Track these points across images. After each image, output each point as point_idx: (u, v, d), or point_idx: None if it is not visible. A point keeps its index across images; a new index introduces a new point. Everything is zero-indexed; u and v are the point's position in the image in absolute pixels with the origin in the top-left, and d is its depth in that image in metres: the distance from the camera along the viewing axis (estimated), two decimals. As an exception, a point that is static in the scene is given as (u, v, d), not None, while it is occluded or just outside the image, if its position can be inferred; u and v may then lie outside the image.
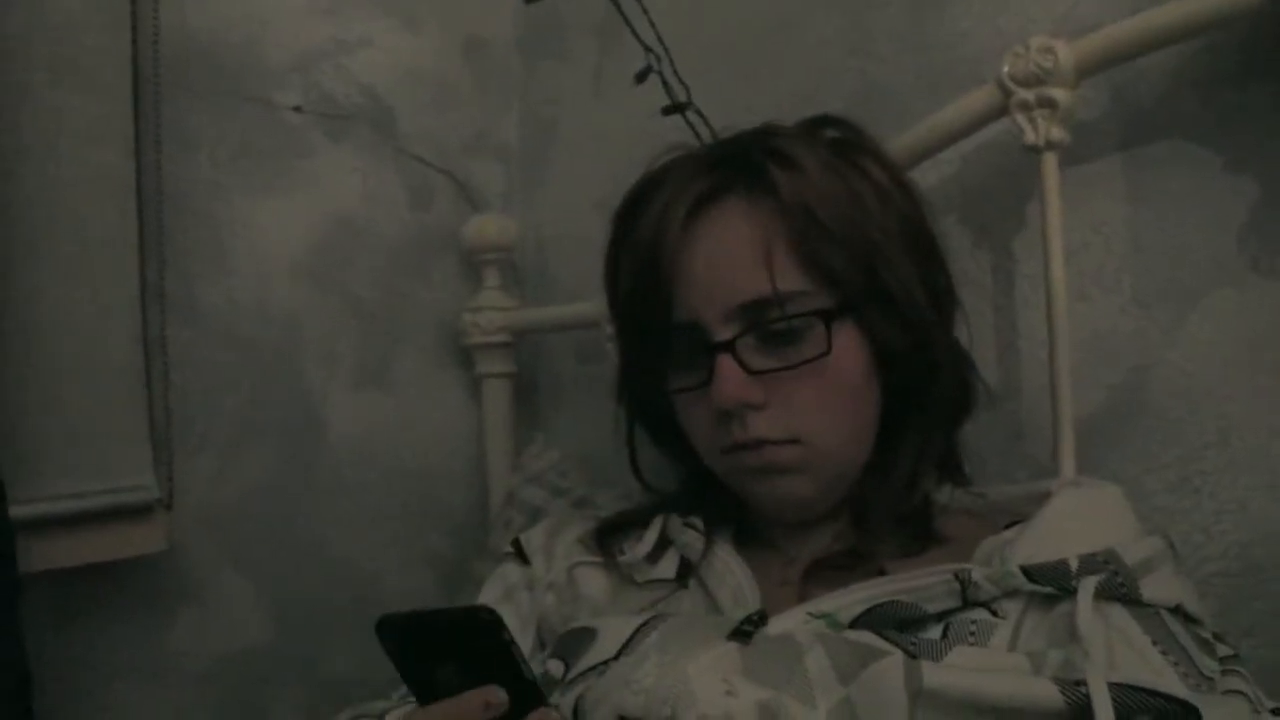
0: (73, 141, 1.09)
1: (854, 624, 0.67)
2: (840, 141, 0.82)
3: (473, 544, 1.45)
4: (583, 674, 0.70)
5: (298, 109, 1.37)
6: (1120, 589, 0.64)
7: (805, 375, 0.75)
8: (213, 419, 1.27)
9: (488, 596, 0.90)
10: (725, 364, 0.75)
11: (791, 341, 0.75)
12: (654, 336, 0.81)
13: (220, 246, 1.29)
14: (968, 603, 0.67)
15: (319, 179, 1.39)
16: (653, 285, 0.79)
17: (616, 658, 0.70)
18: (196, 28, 1.28)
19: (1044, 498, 0.74)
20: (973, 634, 0.65)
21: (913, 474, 0.79)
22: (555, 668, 0.74)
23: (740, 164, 0.79)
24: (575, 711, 0.67)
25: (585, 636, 0.74)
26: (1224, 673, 0.64)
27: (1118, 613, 0.63)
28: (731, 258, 0.76)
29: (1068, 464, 0.86)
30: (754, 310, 0.75)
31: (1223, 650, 0.66)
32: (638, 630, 0.71)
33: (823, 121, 0.84)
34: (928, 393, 0.79)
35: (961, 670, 0.59)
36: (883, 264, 0.75)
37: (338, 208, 1.41)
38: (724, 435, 0.77)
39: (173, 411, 1.21)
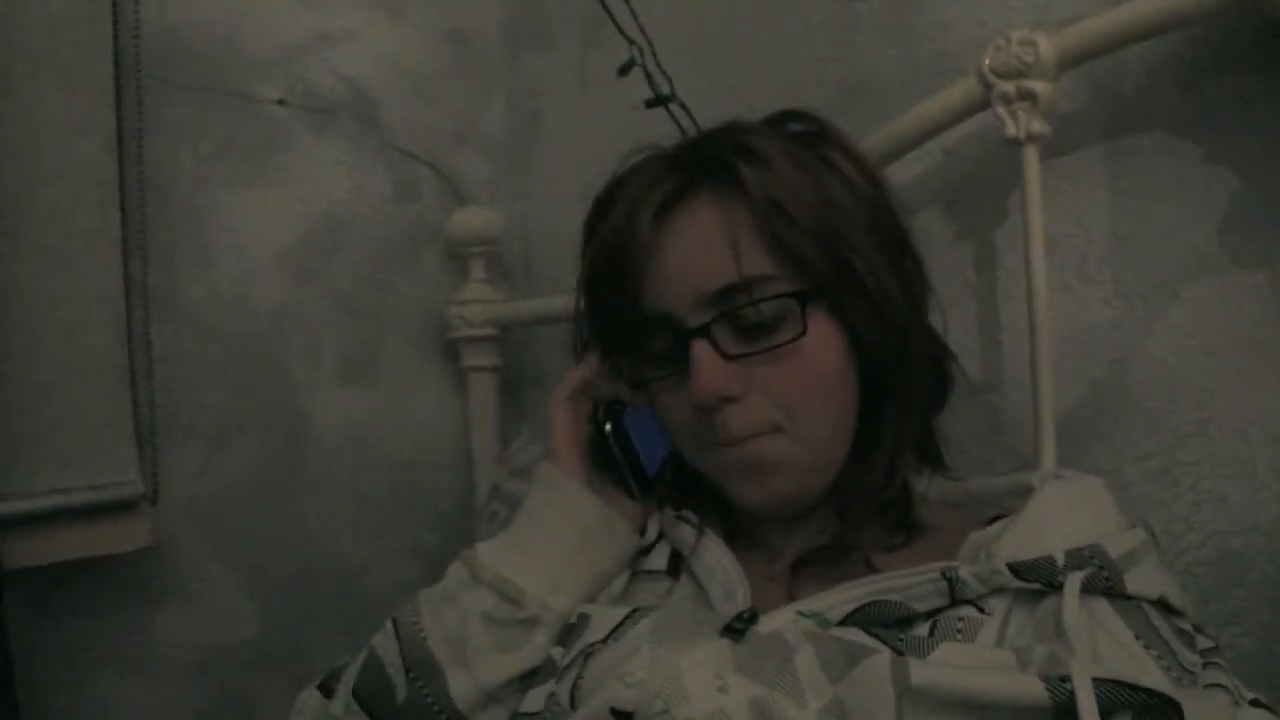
0: (54, 134, 1.09)
1: (843, 623, 0.68)
2: (806, 135, 0.82)
3: (458, 537, 1.45)
4: (575, 658, 0.71)
5: (281, 102, 1.36)
6: (1106, 583, 0.65)
7: (783, 361, 0.75)
8: (197, 413, 1.27)
9: None
10: (701, 350, 0.75)
11: (766, 328, 0.75)
12: (626, 331, 0.81)
13: (204, 241, 1.29)
14: (955, 600, 0.67)
15: (303, 172, 1.38)
16: (623, 281, 0.79)
17: (604, 642, 0.71)
18: (178, 20, 1.27)
19: (1026, 491, 0.74)
20: (960, 631, 0.66)
21: (891, 462, 0.79)
22: (556, 653, 0.75)
23: (707, 163, 0.79)
24: (572, 699, 0.68)
25: (579, 621, 0.75)
26: (1204, 665, 0.65)
27: (1101, 607, 0.64)
28: (700, 249, 0.76)
29: (1049, 455, 0.87)
30: (725, 297, 0.75)
31: (1203, 642, 0.67)
32: (625, 618, 0.72)
33: (789, 116, 0.84)
34: (903, 381, 0.79)
35: (948, 668, 0.60)
36: (851, 252, 0.75)
37: (322, 201, 1.40)
38: (705, 432, 0.77)
39: (157, 406, 1.21)
